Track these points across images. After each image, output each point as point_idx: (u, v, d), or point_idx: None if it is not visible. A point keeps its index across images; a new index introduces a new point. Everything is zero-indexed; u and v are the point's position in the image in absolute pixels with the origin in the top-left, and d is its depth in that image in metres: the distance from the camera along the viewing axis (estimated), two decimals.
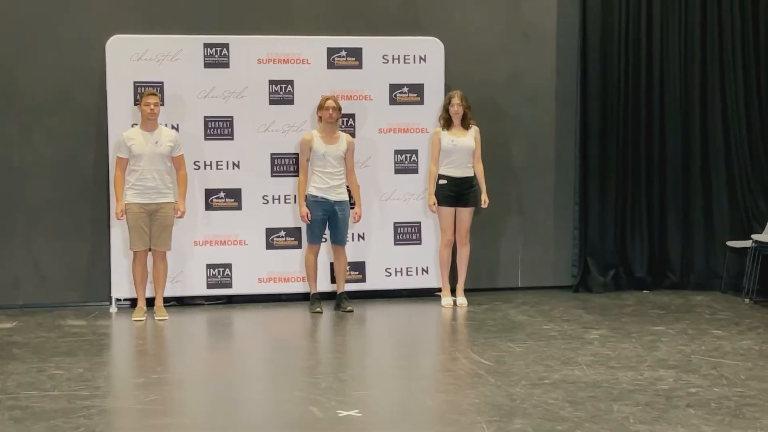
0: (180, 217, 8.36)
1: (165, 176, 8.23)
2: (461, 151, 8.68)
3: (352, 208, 8.72)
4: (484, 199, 8.80)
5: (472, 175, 8.79)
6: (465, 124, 8.73)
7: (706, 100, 9.64)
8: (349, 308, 8.58)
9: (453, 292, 8.95)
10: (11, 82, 8.82)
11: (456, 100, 8.66)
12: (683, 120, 9.64)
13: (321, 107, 8.51)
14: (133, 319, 8.26)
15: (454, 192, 8.70)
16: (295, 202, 8.91)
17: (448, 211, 8.73)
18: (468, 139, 8.72)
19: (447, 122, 8.73)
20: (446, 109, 8.73)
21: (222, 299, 9.03)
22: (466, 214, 8.78)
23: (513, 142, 9.66)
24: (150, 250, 8.27)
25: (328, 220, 8.57)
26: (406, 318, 8.66)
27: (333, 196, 8.55)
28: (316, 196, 8.52)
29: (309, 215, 8.48)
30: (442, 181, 8.71)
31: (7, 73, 8.81)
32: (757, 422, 5.20)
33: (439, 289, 9.19)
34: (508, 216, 9.67)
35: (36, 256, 8.92)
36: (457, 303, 8.82)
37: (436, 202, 8.71)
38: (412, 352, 7.51)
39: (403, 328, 8.36)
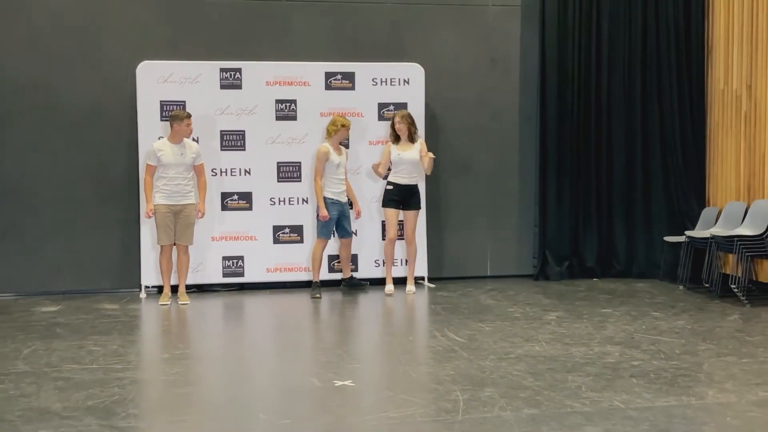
0: (201, 217, 8.36)
1: (188, 182, 8.22)
2: (406, 162, 8.60)
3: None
4: (427, 153, 8.60)
5: (415, 183, 8.70)
6: (412, 139, 8.66)
7: (647, 118, 9.67)
8: (364, 283, 8.93)
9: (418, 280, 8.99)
10: (57, 100, 8.83)
11: (397, 119, 8.61)
12: (627, 133, 9.67)
13: (344, 126, 8.60)
14: (160, 303, 8.24)
15: (398, 197, 8.65)
16: (298, 204, 8.94)
17: (392, 212, 8.68)
18: (413, 152, 8.62)
19: (395, 138, 8.67)
20: (393, 127, 8.68)
21: (235, 286, 9.03)
22: (411, 216, 8.70)
23: (482, 152, 9.67)
24: (174, 244, 8.27)
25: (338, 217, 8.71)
26: (393, 302, 8.66)
27: (343, 198, 8.67)
28: (333, 199, 8.58)
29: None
30: (389, 187, 8.66)
31: (52, 93, 8.81)
32: (690, 390, 5.23)
33: (422, 278, 9.22)
34: (479, 215, 9.69)
35: (76, 249, 8.92)
36: (407, 290, 8.78)
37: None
38: (397, 331, 7.52)
39: (389, 311, 8.36)
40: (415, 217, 8.75)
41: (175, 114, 8.20)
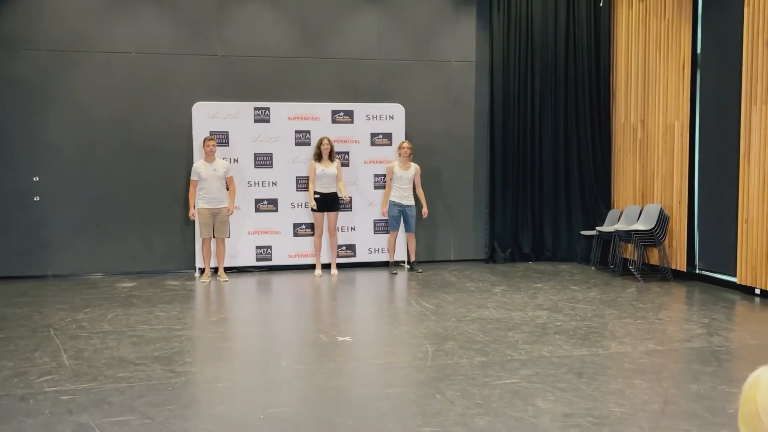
0: (231, 213, 8.34)
1: (222, 190, 8.21)
2: (328, 176, 8.40)
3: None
4: (344, 196, 8.49)
5: (334, 191, 8.47)
6: (331, 158, 8.48)
7: (568, 143, 9.68)
8: (419, 270, 8.76)
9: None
10: (131, 132, 8.78)
11: (324, 142, 8.39)
12: (553, 155, 9.68)
13: (400, 147, 8.65)
14: (201, 281, 8.24)
15: (322, 203, 8.46)
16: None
17: (319, 215, 8.51)
18: (332, 169, 8.42)
19: (318, 157, 8.45)
20: (318, 147, 8.45)
21: (265, 268, 9.00)
22: (332, 216, 8.51)
23: (447, 171, 9.67)
24: (214, 237, 8.27)
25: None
26: (381, 280, 8.67)
27: (405, 201, 8.69)
28: (394, 201, 8.65)
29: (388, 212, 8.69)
30: (316, 195, 8.46)
31: (128, 127, 8.77)
32: (598, 343, 5.26)
33: (404, 261, 9.21)
34: (445, 216, 9.69)
35: (147, 240, 8.88)
36: (331, 273, 8.57)
37: (315, 206, 8.46)
38: (383, 301, 7.53)
39: (378, 286, 8.38)
40: (335, 217, 8.54)
41: (205, 138, 8.26)
